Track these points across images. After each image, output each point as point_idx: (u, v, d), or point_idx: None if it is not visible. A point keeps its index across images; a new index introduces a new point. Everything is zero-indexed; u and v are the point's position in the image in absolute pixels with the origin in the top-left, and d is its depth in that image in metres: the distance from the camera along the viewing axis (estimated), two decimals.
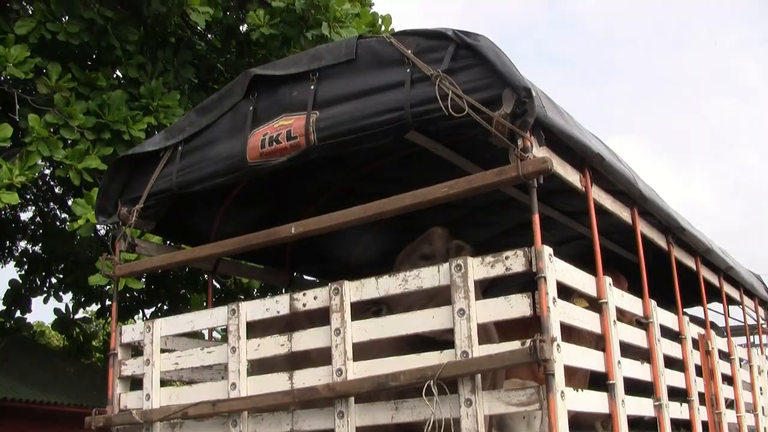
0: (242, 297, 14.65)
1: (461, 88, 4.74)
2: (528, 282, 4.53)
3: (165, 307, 16.79)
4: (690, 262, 7.83)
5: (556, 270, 4.57)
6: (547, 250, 4.45)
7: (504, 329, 5.23)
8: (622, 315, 6.01)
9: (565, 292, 5.02)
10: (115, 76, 13.32)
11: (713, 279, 8.61)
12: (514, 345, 4.37)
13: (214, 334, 7.92)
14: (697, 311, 8.67)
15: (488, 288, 6.22)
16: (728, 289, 9.19)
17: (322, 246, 7.90)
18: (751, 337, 10.68)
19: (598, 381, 5.32)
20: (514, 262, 4.49)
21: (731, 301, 9.58)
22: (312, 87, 5.51)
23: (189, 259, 6.70)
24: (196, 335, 7.33)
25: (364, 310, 5.12)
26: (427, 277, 4.75)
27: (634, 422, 6.03)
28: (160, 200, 6.33)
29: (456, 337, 4.52)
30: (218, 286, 15.00)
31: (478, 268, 4.59)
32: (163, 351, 6.03)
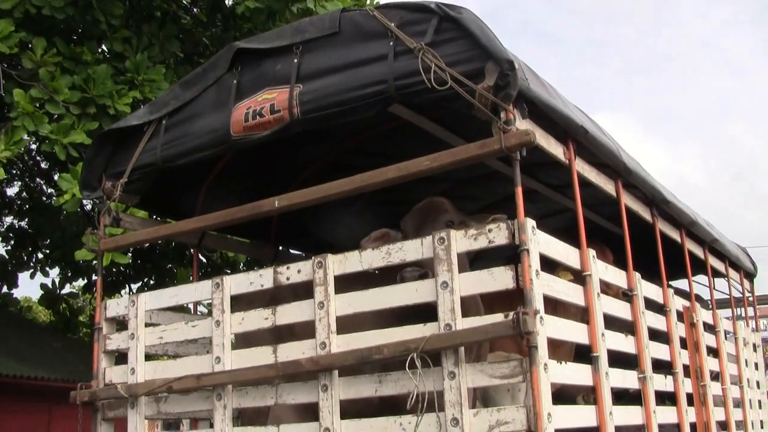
0: (228, 271, 14.64)
1: (444, 60, 4.72)
2: (513, 255, 4.53)
3: (152, 282, 16.78)
4: (675, 235, 7.85)
5: (540, 243, 4.57)
6: (530, 223, 4.44)
7: (491, 302, 5.25)
8: (608, 288, 6.03)
9: (551, 265, 5.03)
10: (100, 50, 13.25)
11: (698, 251, 8.64)
12: (497, 318, 4.38)
13: (201, 308, 7.93)
14: (682, 284, 8.71)
15: (473, 261, 6.22)
16: (713, 261, 9.22)
17: (308, 220, 7.89)
18: (737, 309, 10.72)
19: (584, 354, 5.34)
20: (497, 235, 4.48)
21: (716, 273, 9.61)
22: (295, 60, 5.49)
23: (173, 233, 6.68)
24: (181, 309, 7.33)
25: (406, 274, 5.01)
26: (411, 250, 4.74)
27: (620, 394, 6.07)
28: (144, 174, 6.30)
29: (439, 309, 4.52)
30: (204, 260, 15.01)
31: (461, 240, 4.59)
32: (147, 325, 6.01)
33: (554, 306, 5.17)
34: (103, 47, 13.29)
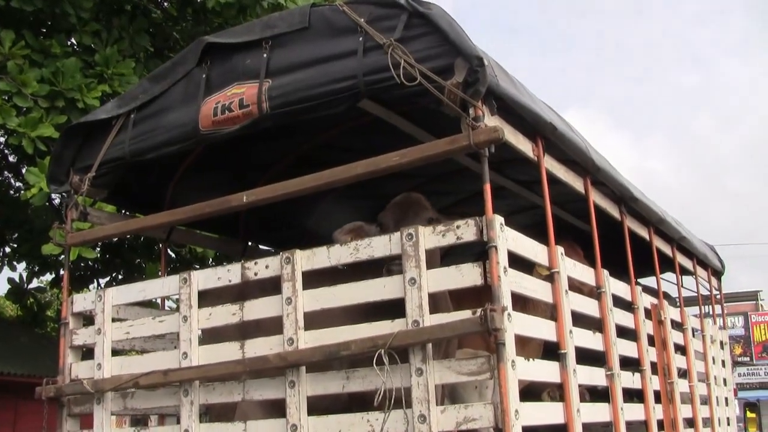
0: (197, 267, 14.56)
1: (414, 56, 4.72)
2: (482, 252, 4.53)
3: (120, 277, 16.64)
4: (643, 232, 7.90)
5: (508, 239, 4.57)
6: (498, 219, 4.45)
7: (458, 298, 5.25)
8: (583, 286, 6.05)
9: (526, 265, 5.04)
10: (69, 43, 13.10)
11: (666, 249, 8.69)
12: (465, 314, 4.38)
13: (171, 304, 7.88)
14: (651, 281, 8.76)
15: (442, 258, 6.22)
16: (681, 259, 9.28)
17: (277, 215, 7.87)
18: (704, 307, 10.80)
19: (553, 351, 5.35)
20: (466, 231, 4.48)
21: (684, 271, 9.68)
22: (265, 55, 5.47)
23: (141, 228, 6.65)
24: (149, 305, 7.29)
25: (393, 267, 4.88)
26: (379, 246, 4.73)
27: (589, 391, 6.10)
28: (112, 168, 6.25)
29: (407, 306, 4.51)
30: (173, 255, 14.92)
31: (430, 237, 4.59)
32: (114, 320, 5.98)
33: (524, 303, 5.17)
34: (73, 40, 13.14)
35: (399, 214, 5.70)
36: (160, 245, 8.72)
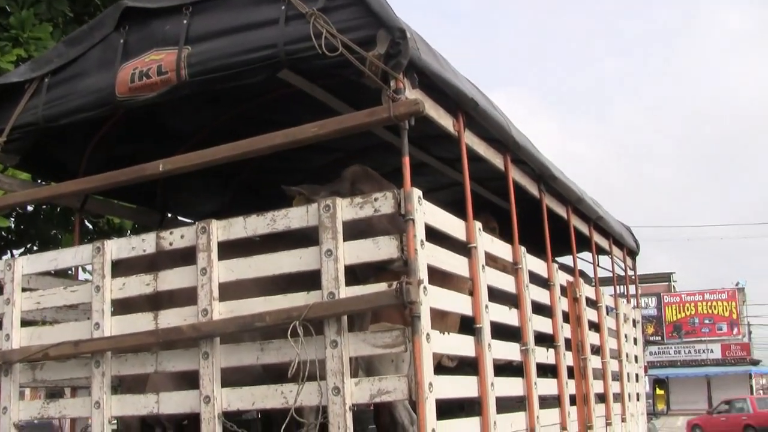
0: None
1: (336, 27, 4.67)
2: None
3: (35, 248, 16.24)
4: (561, 211, 7.99)
5: (425, 213, 4.56)
6: (417, 193, 4.43)
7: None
8: (498, 261, 6.08)
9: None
10: None
11: (584, 228, 8.82)
12: (381, 287, 4.37)
13: (87, 276, 7.71)
14: (568, 260, 8.88)
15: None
16: (598, 238, 9.43)
17: (196, 187, 7.76)
18: (620, 287, 11.01)
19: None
20: (383, 203, 4.46)
21: (601, 250, 9.84)
22: (185, 21, 5.36)
23: (53, 195, 6.46)
24: (63, 275, 7.13)
25: None
26: (296, 217, 4.69)
27: (504, 366, 6.15)
28: (25, 134, 6.08)
29: (323, 278, 4.48)
30: (91, 227, 14.61)
31: (347, 209, 4.55)
32: (25, 290, 5.83)
33: (442, 278, 5.16)
34: None
35: (356, 182, 5.67)
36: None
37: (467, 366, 5.78)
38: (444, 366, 6.54)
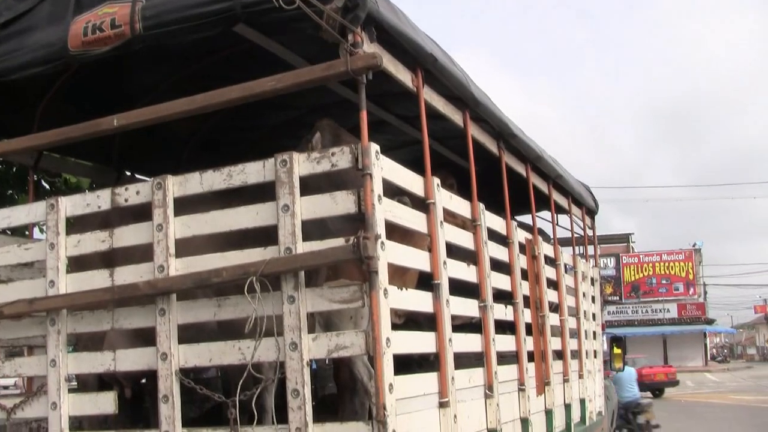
0: None
1: None
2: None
3: None
4: (521, 169, 8.00)
5: (383, 168, 4.53)
6: (374, 147, 4.40)
7: None
8: (456, 218, 6.08)
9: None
10: None
11: (543, 186, 8.84)
12: (338, 242, 4.35)
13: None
14: (527, 219, 8.92)
15: None
16: (557, 197, 9.47)
17: (152, 143, 7.66)
18: (579, 248, 11.08)
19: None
20: (341, 158, 4.42)
21: (560, 209, 9.89)
22: None
23: (5, 152, 6.33)
24: (18, 233, 7.04)
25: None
26: (252, 172, 4.63)
27: (465, 324, 6.17)
28: None
29: (279, 233, 4.45)
30: (47, 186, 14.43)
31: (304, 164, 4.51)
32: None
33: (402, 234, 5.15)
34: None
35: (338, 134, 5.63)
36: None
37: (411, 322, 5.79)
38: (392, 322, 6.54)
